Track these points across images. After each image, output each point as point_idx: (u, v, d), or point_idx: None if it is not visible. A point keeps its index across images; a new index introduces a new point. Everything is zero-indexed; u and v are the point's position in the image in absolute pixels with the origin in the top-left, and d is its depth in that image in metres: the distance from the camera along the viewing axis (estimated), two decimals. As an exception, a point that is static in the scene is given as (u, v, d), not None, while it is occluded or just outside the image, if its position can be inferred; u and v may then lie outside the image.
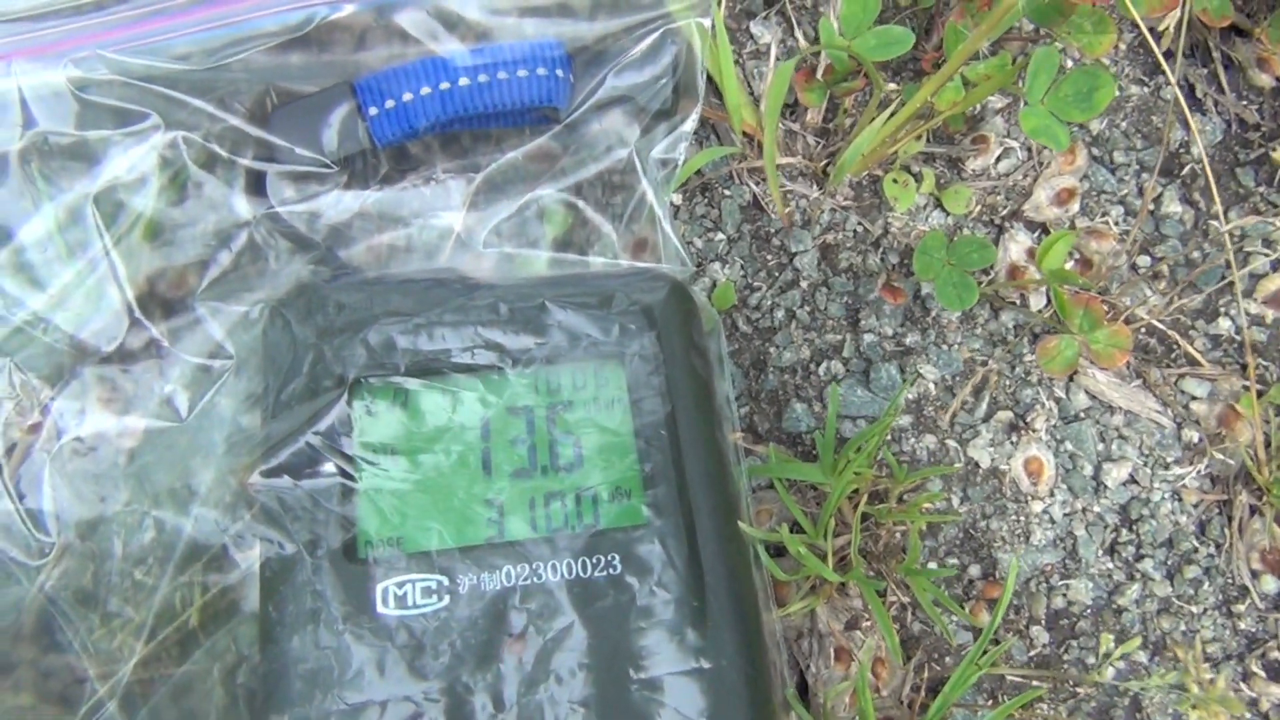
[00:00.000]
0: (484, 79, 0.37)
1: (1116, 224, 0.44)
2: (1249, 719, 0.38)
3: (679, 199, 0.43)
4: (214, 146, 0.36)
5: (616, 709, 0.30)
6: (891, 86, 0.44)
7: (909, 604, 0.39)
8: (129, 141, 0.35)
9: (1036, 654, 0.39)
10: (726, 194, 0.43)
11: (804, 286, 0.43)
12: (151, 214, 0.36)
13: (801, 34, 0.45)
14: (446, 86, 0.37)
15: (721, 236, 0.43)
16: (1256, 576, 0.40)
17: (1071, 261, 0.43)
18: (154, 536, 0.34)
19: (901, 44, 0.38)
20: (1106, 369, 0.41)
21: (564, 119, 0.38)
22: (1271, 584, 0.39)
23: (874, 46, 0.38)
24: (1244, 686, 0.38)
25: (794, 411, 0.41)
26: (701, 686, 0.31)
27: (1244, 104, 0.46)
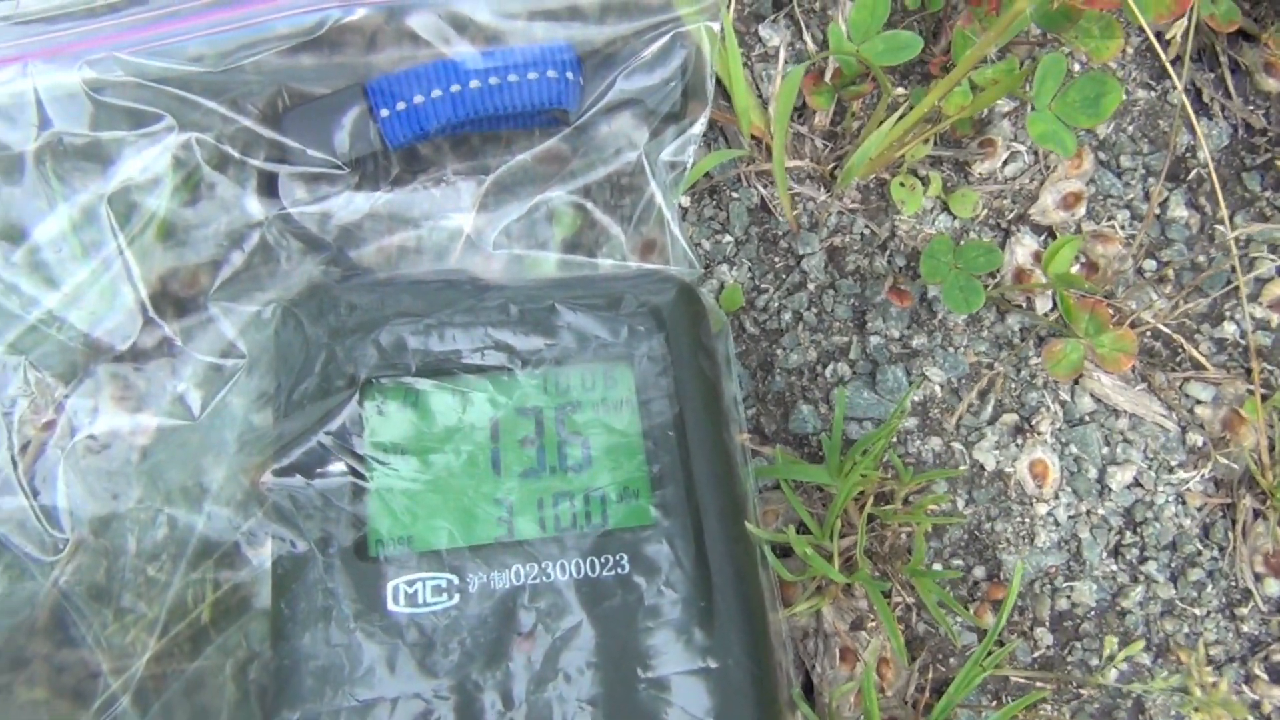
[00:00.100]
0: (494, 81, 0.37)
1: (1122, 228, 0.44)
2: (1251, 721, 0.38)
3: (687, 201, 0.44)
4: (226, 148, 0.36)
5: (624, 707, 0.31)
6: (899, 90, 0.44)
7: (914, 605, 0.39)
8: (143, 142, 0.35)
9: (1040, 655, 0.39)
10: (734, 196, 0.44)
11: (811, 289, 0.43)
12: (165, 214, 0.36)
13: (810, 37, 0.45)
14: (457, 89, 0.37)
15: (729, 239, 0.43)
16: (1259, 580, 0.40)
17: (1077, 265, 0.43)
18: (166, 533, 0.34)
19: (910, 49, 0.38)
20: (1112, 373, 0.42)
21: (574, 122, 0.38)
22: (1274, 587, 0.40)
23: (882, 51, 0.38)
24: (1246, 689, 0.39)
25: (800, 413, 0.41)
26: (708, 686, 0.31)
27: (1251, 109, 0.46)
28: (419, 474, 0.33)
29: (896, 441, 0.41)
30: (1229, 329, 0.43)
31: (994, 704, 0.38)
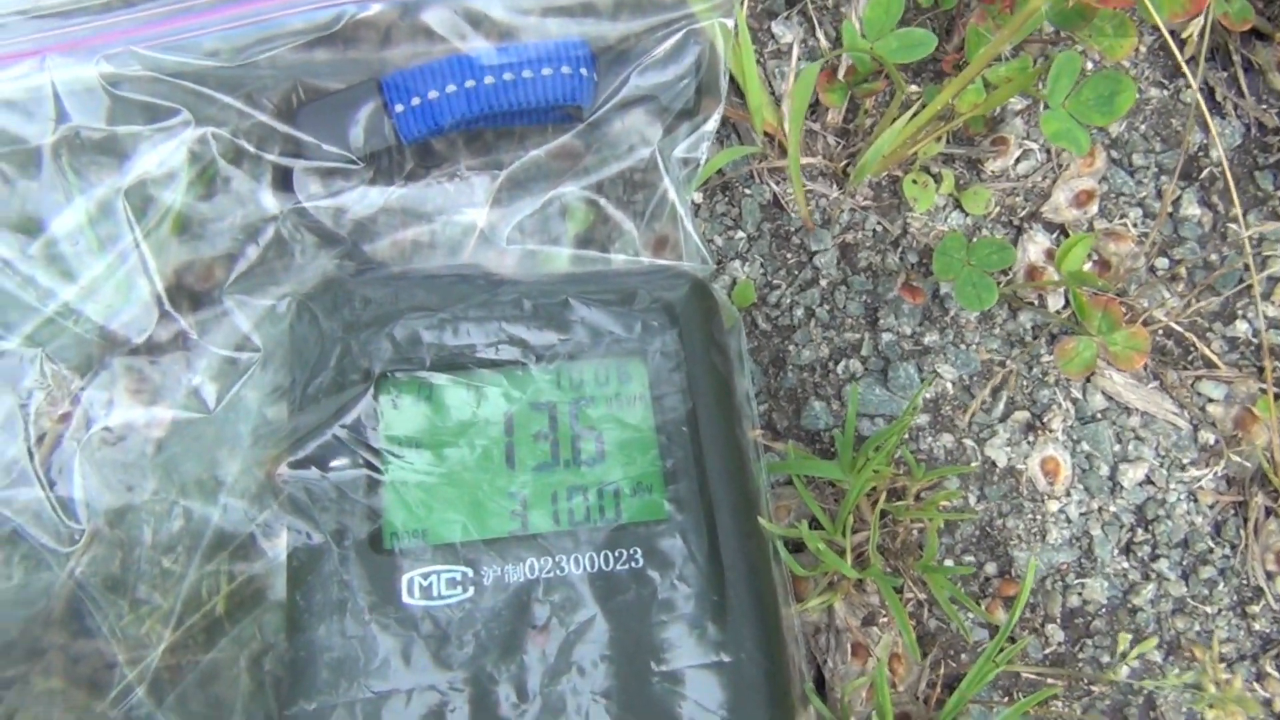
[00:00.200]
0: (509, 77, 0.37)
1: (1135, 226, 0.44)
2: (1264, 719, 0.38)
3: (700, 197, 0.44)
4: (242, 142, 0.36)
5: (637, 701, 0.31)
6: (913, 88, 0.44)
7: (926, 601, 0.39)
8: (159, 137, 0.36)
9: (1052, 652, 0.39)
10: (747, 193, 0.44)
11: (823, 285, 0.43)
12: (180, 208, 0.36)
13: (823, 34, 0.45)
14: (472, 84, 0.37)
15: (742, 235, 0.43)
16: (1271, 578, 0.40)
17: (1090, 263, 0.43)
18: (182, 525, 0.34)
19: (924, 47, 0.38)
20: (1124, 370, 0.42)
21: (587, 117, 0.38)
22: (1287, 586, 0.40)
23: (896, 49, 0.38)
24: (1258, 687, 0.39)
25: (813, 409, 0.41)
26: (721, 680, 0.31)
27: (1264, 108, 0.46)
28: (433, 467, 0.33)
29: (908, 438, 0.41)
30: (1241, 327, 0.43)
31: (1005, 700, 0.38)
